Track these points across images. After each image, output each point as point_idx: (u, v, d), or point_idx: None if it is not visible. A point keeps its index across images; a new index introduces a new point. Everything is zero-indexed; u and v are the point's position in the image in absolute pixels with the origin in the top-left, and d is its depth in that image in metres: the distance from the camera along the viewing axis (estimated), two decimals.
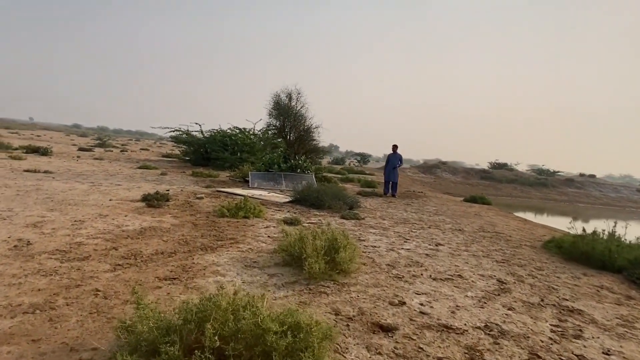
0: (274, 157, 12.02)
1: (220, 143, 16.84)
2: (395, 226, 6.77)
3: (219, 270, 3.53)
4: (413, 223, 7.29)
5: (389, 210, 8.72)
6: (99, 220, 5.10)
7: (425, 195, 13.32)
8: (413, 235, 6.12)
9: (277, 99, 12.40)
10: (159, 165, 15.91)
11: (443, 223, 7.66)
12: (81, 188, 7.68)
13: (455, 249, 5.42)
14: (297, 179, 11.42)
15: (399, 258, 4.59)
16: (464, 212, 9.76)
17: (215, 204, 7.26)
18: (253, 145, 16.85)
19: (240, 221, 5.88)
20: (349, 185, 14.36)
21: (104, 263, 3.46)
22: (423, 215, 8.44)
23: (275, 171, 11.66)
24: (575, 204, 28.00)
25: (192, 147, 18.12)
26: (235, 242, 4.62)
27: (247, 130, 18.01)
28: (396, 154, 11.71)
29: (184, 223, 5.38)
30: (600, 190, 33.47)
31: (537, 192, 30.66)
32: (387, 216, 7.85)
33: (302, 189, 8.39)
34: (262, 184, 10.89)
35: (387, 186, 11.76)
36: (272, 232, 5.38)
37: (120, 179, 9.91)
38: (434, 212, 9.13)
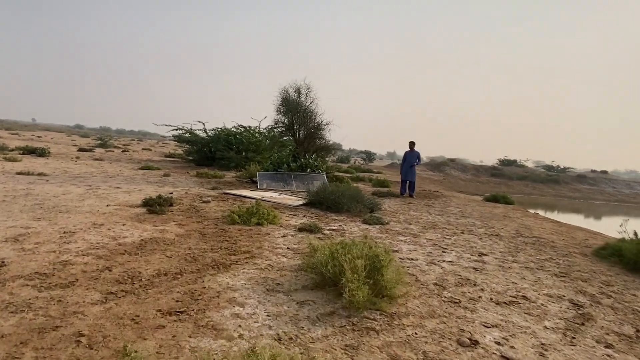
0: (282, 156, 11.32)
1: (225, 142, 16.18)
2: (425, 232, 6.06)
3: (235, 298, 2.83)
4: (443, 228, 6.58)
5: (411, 213, 8.01)
6: (92, 230, 4.41)
7: (443, 195, 12.59)
8: (449, 243, 5.41)
9: (285, 94, 11.68)
10: (161, 165, 15.26)
11: (474, 227, 6.94)
12: (76, 192, 7.01)
13: (502, 259, 4.71)
14: (308, 179, 10.72)
15: (444, 274, 3.89)
16: (490, 214, 9.04)
17: (224, 208, 6.58)
18: (259, 144, 16.18)
19: (254, 229, 5.19)
20: (361, 185, 13.65)
21: (93, 290, 2.77)
22: (450, 218, 7.72)
23: (284, 171, 10.97)
24: (590, 201, 27.16)
25: (195, 146, 17.47)
26: (251, 256, 3.93)
27: (253, 128, 17.34)
28: (413, 151, 10.98)
29: (190, 233, 4.69)
30: (613, 186, 32.58)
31: (549, 189, 29.84)
32: (412, 220, 7.14)
33: (316, 190, 7.69)
34: (271, 185, 10.19)
35: (403, 186, 11.04)
36: (291, 242, 4.68)
37: (120, 181, 9.24)
38: (459, 214, 8.41)
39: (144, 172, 11.79)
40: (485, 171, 33.64)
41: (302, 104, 11.59)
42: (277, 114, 11.78)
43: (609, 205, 25.34)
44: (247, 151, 16.10)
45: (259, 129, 17.52)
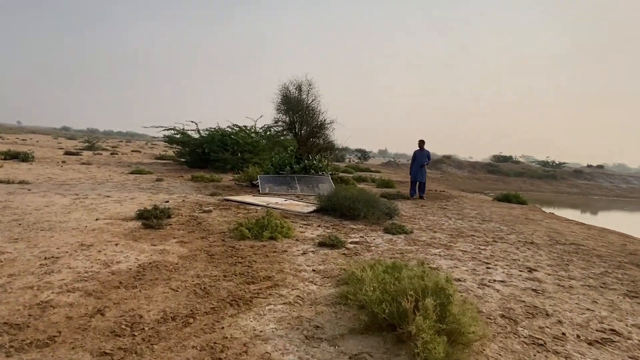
0: (285, 158, 10.63)
1: (220, 143, 15.43)
2: (455, 241, 5.45)
3: (270, 355, 2.17)
4: (471, 235, 5.98)
5: (430, 218, 7.40)
6: (79, 254, 3.70)
7: (452, 195, 12.02)
8: (487, 255, 4.80)
9: (285, 91, 10.98)
10: (153, 168, 14.46)
11: (503, 233, 6.36)
12: (61, 203, 6.25)
13: (556, 275, 4.11)
14: (313, 182, 10.06)
15: (505, 300, 3.27)
16: (511, 216, 8.48)
17: (228, 218, 5.89)
18: (256, 145, 15.46)
19: (267, 245, 4.51)
20: (364, 186, 13.03)
21: (80, 351, 2.08)
22: (472, 223, 7.13)
23: (287, 173, 10.29)
24: (589, 196, 26.97)
25: (188, 147, 16.67)
26: (274, 284, 3.26)
27: (248, 128, 16.61)
28: (423, 150, 10.38)
29: (195, 253, 4.00)
30: (610, 181, 32.52)
31: (547, 185, 29.61)
32: (434, 226, 6.53)
33: (327, 195, 7.03)
34: (274, 189, 9.50)
35: (413, 187, 10.44)
36: (315, 261, 4.02)
37: (109, 187, 8.47)
38: (479, 218, 7.83)
39: (135, 177, 11.00)
40: (481, 168, 33.33)
41: (304, 102, 10.91)
42: (277, 112, 11.09)
43: (610, 201, 25.13)
44: (244, 152, 15.37)
45: (254, 129, 16.80)
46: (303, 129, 11.02)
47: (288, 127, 11.08)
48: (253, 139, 15.92)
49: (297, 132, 11.04)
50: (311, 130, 10.93)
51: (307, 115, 10.87)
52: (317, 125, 10.89)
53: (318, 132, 10.95)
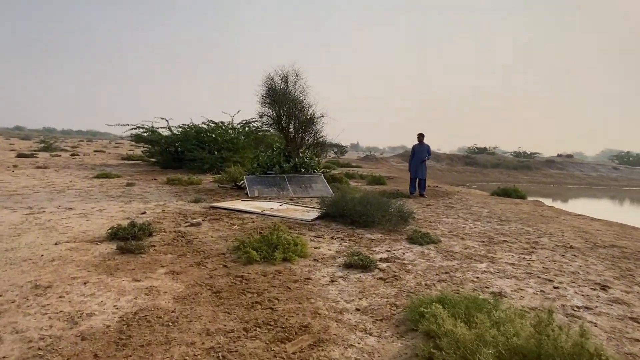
0: (273, 156, 9.62)
1: (195, 140, 14.19)
2: (491, 250, 4.71)
3: None
4: (503, 241, 5.28)
5: (445, 220, 6.67)
6: (31, 304, 2.65)
7: (450, 191, 11.41)
8: (540, 267, 4.09)
9: (270, 83, 9.96)
10: (120, 171, 13.05)
11: (533, 236, 5.71)
12: (9, 221, 5.04)
13: (635, 293, 3.43)
14: (305, 182, 9.14)
15: (618, 342, 2.51)
16: (525, 214, 7.90)
17: (223, 232, 4.89)
18: (235, 142, 14.32)
19: (283, 270, 3.58)
20: (354, 183, 12.24)
21: None
22: (492, 224, 6.46)
23: (276, 173, 9.30)
24: (563, 185, 27.47)
25: (158, 146, 15.28)
26: (316, 339, 2.35)
27: (226, 124, 15.41)
28: (423, 144, 9.67)
29: (195, 290, 3.02)
30: (580, 170, 33.44)
31: (523, 176, 29.99)
32: (457, 231, 5.79)
33: (334, 199, 6.14)
34: (264, 192, 8.51)
35: (413, 184, 9.72)
36: (351, 292, 3.14)
37: (71, 197, 7.21)
38: (496, 218, 7.18)
39: (102, 182, 9.68)
40: (459, 160, 33.40)
41: (290, 94, 9.93)
42: (261, 105, 10.06)
43: (586, 189, 25.63)
44: (222, 150, 14.20)
45: (232, 125, 15.62)
46: (291, 123, 10.04)
47: (274, 122, 10.06)
48: (231, 135, 14.76)
49: (284, 128, 10.05)
50: (300, 125, 9.98)
51: (294, 108, 9.90)
52: (306, 120, 9.95)
53: (307, 127, 10.01)
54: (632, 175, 33.97)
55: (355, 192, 9.68)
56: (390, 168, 26.67)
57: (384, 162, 30.20)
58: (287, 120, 10.02)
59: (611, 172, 33.97)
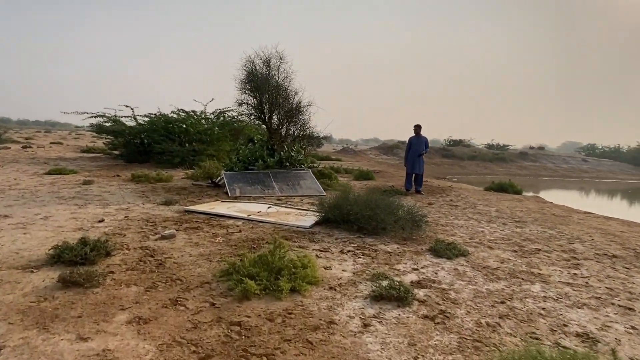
0: (255, 149, 8.53)
1: (164, 131, 12.83)
2: (532, 264, 3.94)
3: None
4: (536, 249, 4.53)
5: (456, 222, 5.89)
6: None
7: (443, 187, 10.71)
8: (603, 288, 3.33)
9: (250, 66, 8.84)
10: (78, 165, 11.57)
11: (561, 241, 5.01)
12: None
13: None
14: (293, 179, 8.14)
15: None
16: (537, 213, 7.26)
17: (204, 248, 3.86)
18: (209, 133, 13.06)
19: (295, 310, 2.62)
20: (342, 179, 11.35)
21: None
22: (512, 228, 5.74)
23: (258, 169, 8.25)
24: (539, 177, 27.76)
25: (122, 138, 13.79)
26: None
27: (198, 113, 14.09)
28: (420, 136, 8.86)
29: (173, 356, 2.01)
30: (552, 162, 34.06)
31: (499, 168, 30.14)
32: (478, 237, 5.00)
33: (335, 201, 5.19)
34: (246, 190, 7.45)
35: (409, 180, 8.92)
36: (398, 346, 2.23)
37: (11, 200, 5.91)
38: (509, 219, 6.48)
39: (53, 180, 8.30)
40: (436, 152, 33.19)
41: (274, 79, 8.86)
42: (240, 92, 8.93)
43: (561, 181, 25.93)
44: (194, 142, 12.92)
45: (204, 114, 14.32)
46: (274, 113, 8.98)
47: (255, 111, 8.96)
48: (204, 126, 13.48)
49: (266, 117, 8.98)
50: (285, 115, 8.94)
51: (278, 95, 8.84)
52: (291, 109, 8.91)
53: (293, 117, 8.99)
54: (599, 167, 35.00)
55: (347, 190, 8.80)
56: (370, 161, 25.98)
57: (363, 155, 29.49)
58: (270, 109, 8.95)
59: (581, 164, 34.85)
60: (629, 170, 34.96)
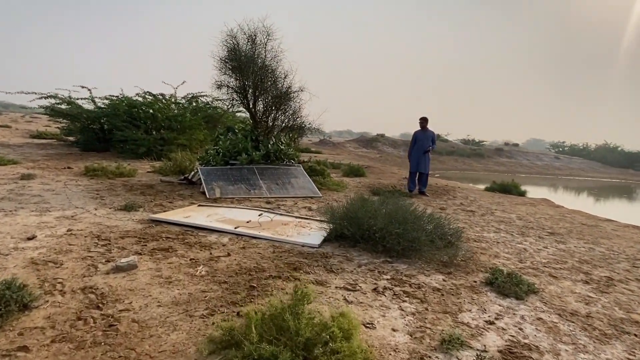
0: (238, 140, 7.22)
1: (127, 116, 11.21)
2: (627, 307, 2.96)
3: None
4: (609, 280, 3.58)
5: (486, 235, 4.91)
6: None
7: (446, 187, 9.77)
8: None
9: (232, 43, 7.48)
10: (22, 154, 9.83)
11: (622, 263, 4.10)
12: None
13: None
14: (282, 177, 6.93)
15: None
16: (558, 220, 6.41)
17: (179, 288, 2.63)
18: (180, 120, 11.54)
19: None
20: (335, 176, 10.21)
21: None
22: (549, 242, 4.81)
23: (241, 164, 6.96)
24: (517, 174, 27.75)
25: (78, 122, 12.03)
26: None
27: (167, 97, 12.49)
28: (427, 131, 7.83)
29: None
30: (527, 159, 34.36)
31: (477, 164, 29.96)
32: (522, 257, 4.02)
33: (348, 211, 4.04)
34: (228, 190, 6.18)
35: (413, 180, 7.90)
36: None
37: None
38: (538, 229, 5.58)
39: None
40: None
41: (259, 59, 7.56)
42: (220, 72, 7.57)
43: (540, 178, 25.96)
44: (163, 130, 11.39)
45: (175, 99, 12.75)
46: (260, 98, 7.69)
47: (238, 95, 7.64)
48: (174, 112, 11.94)
49: (250, 103, 7.68)
50: (272, 101, 7.67)
51: (265, 78, 7.56)
52: (279, 95, 7.65)
53: (281, 104, 7.73)
54: (571, 164, 35.69)
55: (341, 189, 7.70)
56: (350, 154, 24.95)
57: (342, 148, 28.42)
58: (254, 94, 7.65)
59: (554, 161, 35.39)
60: (598, 168, 35.86)
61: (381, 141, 31.83)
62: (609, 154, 40.28)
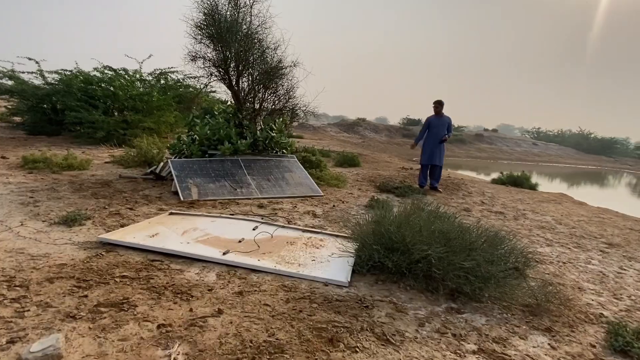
0: (218, 125, 5.85)
1: (83, 94, 9.52)
2: None
3: None
4: None
5: (541, 251, 3.89)
6: None
7: (460, 182, 8.72)
8: None
9: (211, 4, 6.04)
10: None
11: None
12: None
13: None
14: (275, 172, 5.67)
15: None
16: (600, 223, 5.52)
17: None
18: (147, 99, 9.94)
19: None
20: None
21: None
22: (622, 262, 3.85)
23: (224, 154, 5.65)
24: (498, 161, 27.45)
25: (25, 100, 10.23)
26: None
27: (132, 73, 10.79)
28: (442, 116, 6.69)
29: None
30: (506, 145, 34.23)
31: (460, 150, 29.47)
32: (615, 291, 3.01)
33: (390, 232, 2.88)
34: (208, 190, 4.87)
35: (425, 173, 6.80)
36: None
37: None
38: (591, 238, 4.63)
39: None
40: (396, 132, 31.83)
41: (244, 25, 6.18)
42: (195, 41, 6.15)
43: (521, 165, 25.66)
44: (126, 111, 9.78)
45: (140, 75, 11.06)
46: (245, 74, 6.34)
47: (217, 70, 6.25)
48: (140, 90, 10.29)
49: (232, 80, 6.31)
50: (260, 78, 6.33)
51: (250, 49, 6.20)
52: (268, 70, 6.32)
53: (270, 82, 6.41)
54: (548, 150, 35.90)
55: (342, 184, 6.54)
56: (332, 139, 23.71)
57: (323, 132, 27.10)
58: (237, 68, 6.29)
59: (532, 147, 35.47)
60: (574, 154, 36.28)
61: (362, 125, 30.73)
62: (584, 140, 40.93)
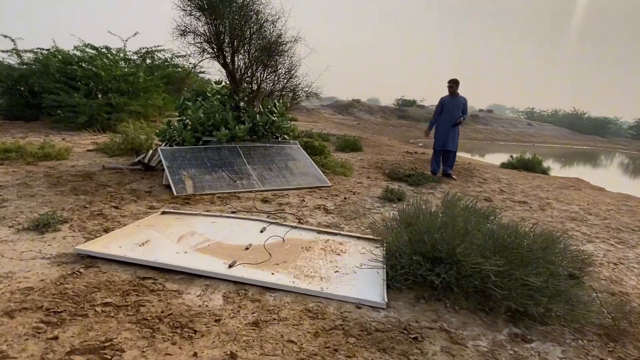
0: (214, 109, 5.24)
1: (62, 75, 8.77)
2: None
3: None
4: None
5: (580, 247, 3.45)
6: None
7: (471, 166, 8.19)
8: None
9: None
10: None
11: None
12: None
13: None
14: (277, 160, 5.12)
15: None
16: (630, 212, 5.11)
17: None
18: (132, 81, 9.22)
19: None
20: None
21: None
22: None
23: (220, 140, 5.07)
24: (495, 142, 27.13)
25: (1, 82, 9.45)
26: None
27: (114, 52, 10.01)
28: (457, 97, 6.16)
29: None
30: (502, 125, 33.86)
31: None
32: None
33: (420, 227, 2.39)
34: (205, 182, 4.32)
35: (437, 158, 6.30)
36: None
37: None
38: (630, 231, 4.20)
39: None
40: (391, 113, 31.20)
41: None
42: (184, 13, 5.48)
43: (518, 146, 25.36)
44: (110, 93, 9.06)
45: (124, 54, 10.29)
46: (240, 50, 5.71)
47: (209, 46, 5.61)
48: (125, 70, 9.55)
49: (227, 57, 5.68)
50: (257, 55, 5.70)
51: (247, 22, 5.56)
52: (267, 46, 5.68)
53: (270, 59, 5.78)
54: (543, 131, 35.66)
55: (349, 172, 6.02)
56: (327, 121, 23.07)
57: (317, 114, 26.39)
58: (232, 44, 5.64)
59: (527, 128, 35.17)
60: (568, 135, 36.11)
61: (357, 107, 30.01)
62: (577, 120, 40.75)
